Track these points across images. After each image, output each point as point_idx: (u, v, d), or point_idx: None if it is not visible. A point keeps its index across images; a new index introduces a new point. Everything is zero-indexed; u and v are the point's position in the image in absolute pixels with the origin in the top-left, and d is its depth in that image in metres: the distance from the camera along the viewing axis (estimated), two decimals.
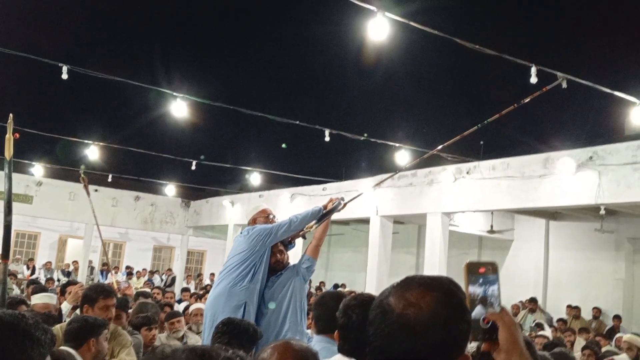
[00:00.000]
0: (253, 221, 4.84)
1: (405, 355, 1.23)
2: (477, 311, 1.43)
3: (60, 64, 9.12)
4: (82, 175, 7.94)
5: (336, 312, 2.49)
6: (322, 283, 18.56)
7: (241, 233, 4.71)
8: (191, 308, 7.46)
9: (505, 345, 1.40)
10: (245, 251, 4.49)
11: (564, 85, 4.47)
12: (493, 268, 1.46)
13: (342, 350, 2.38)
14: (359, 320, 2.32)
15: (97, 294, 4.16)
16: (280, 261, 4.66)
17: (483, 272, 1.45)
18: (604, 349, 7.64)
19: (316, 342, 2.82)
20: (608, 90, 8.43)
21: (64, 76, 9.13)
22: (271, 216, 4.85)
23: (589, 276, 13.58)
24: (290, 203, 14.91)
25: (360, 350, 2.27)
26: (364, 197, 13.05)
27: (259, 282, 4.49)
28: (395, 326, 1.25)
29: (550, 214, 14.00)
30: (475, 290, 1.44)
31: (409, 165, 10.92)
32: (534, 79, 7.72)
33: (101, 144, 14.58)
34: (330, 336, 2.78)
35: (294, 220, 4.47)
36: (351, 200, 4.90)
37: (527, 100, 6.83)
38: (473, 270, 1.46)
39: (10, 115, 4.34)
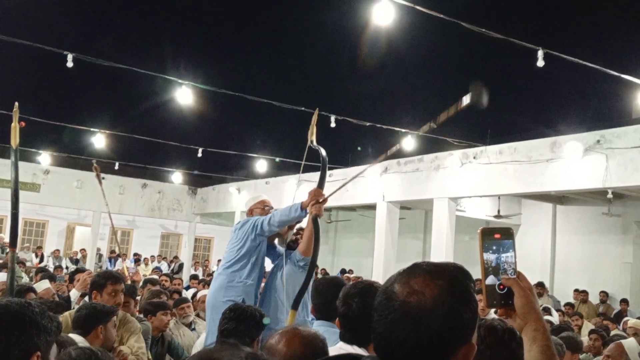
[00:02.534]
0: (250, 212, 4.83)
1: (408, 342, 1.23)
2: (492, 278, 1.43)
3: (65, 52, 9.12)
4: (95, 164, 7.96)
5: (335, 299, 2.48)
6: (323, 270, 18.52)
7: (236, 225, 4.70)
8: (199, 295, 7.49)
9: (521, 310, 1.41)
10: (238, 244, 4.49)
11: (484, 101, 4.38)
12: (509, 234, 1.47)
13: (343, 338, 2.37)
14: (358, 308, 2.31)
15: (105, 279, 4.17)
16: (296, 240, 4.65)
17: (499, 237, 1.45)
18: (612, 333, 7.63)
19: (316, 327, 2.80)
20: (616, 74, 8.37)
21: (69, 64, 9.13)
22: (267, 207, 4.80)
23: (596, 260, 13.55)
24: (297, 189, 14.91)
25: (361, 338, 2.27)
26: (371, 182, 13.06)
27: (258, 278, 4.49)
28: (398, 313, 1.24)
29: (558, 198, 13.96)
30: (490, 256, 1.44)
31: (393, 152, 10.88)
32: (540, 62, 7.68)
33: (107, 131, 14.60)
34: (331, 322, 2.79)
35: (275, 215, 4.40)
36: (335, 192, 4.71)
37: (443, 119, 6.90)
38: (488, 236, 1.46)
39: (16, 103, 4.35)
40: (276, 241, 4.81)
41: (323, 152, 4.65)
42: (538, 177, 10.13)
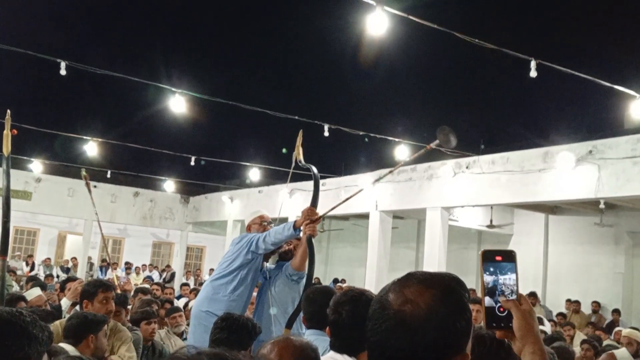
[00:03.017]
0: (248, 228, 4.82)
1: (402, 351, 1.23)
2: (492, 300, 1.44)
3: (58, 60, 9.10)
4: (84, 172, 7.93)
5: (325, 308, 2.47)
6: (317, 279, 18.46)
7: (234, 240, 4.70)
8: (191, 304, 7.46)
9: (518, 332, 1.41)
10: (230, 259, 4.49)
11: (453, 143, 4.36)
12: (510, 256, 1.47)
13: (334, 347, 2.36)
14: (349, 316, 2.31)
15: (95, 287, 4.15)
16: (288, 251, 4.65)
17: (500, 260, 1.46)
18: (604, 343, 7.64)
19: (308, 336, 2.81)
20: (607, 84, 8.43)
21: (63, 72, 9.11)
22: (265, 223, 4.79)
23: (589, 270, 13.58)
24: (289, 199, 14.90)
25: (352, 346, 2.27)
26: (364, 192, 13.05)
27: (245, 295, 4.46)
28: (392, 322, 1.24)
29: (550, 208, 14.00)
30: (491, 278, 1.45)
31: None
32: (533, 73, 7.73)
33: (100, 139, 14.56)
34: (322, 331, 2.78)
35: (269, 234, 4.39)
36: (326, 213, 4.68)
37: (412, 157, 6.98)
38: (489, 258, 1.46)
39: (8, 111, 4.34)
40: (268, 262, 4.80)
41: (314, 169, 4.66)
42: (530, 187, 10.16)
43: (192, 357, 1.05)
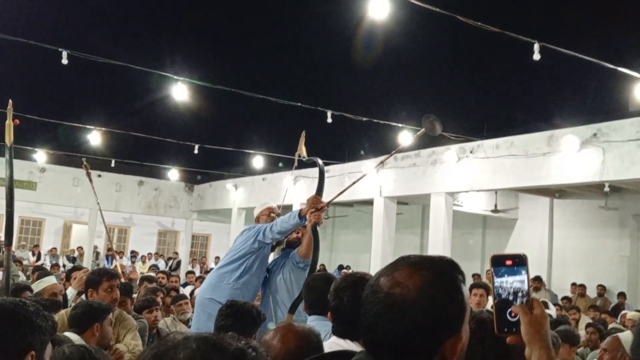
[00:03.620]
0: (257, 219, 4.84)
1: (393, 334, 1.24)
2: (502, 305, 1.42)
3: (60, 49, 9.09)
4: (85, 162, 7.92)
5: (326, 294, 2.48)
6: (322, 266, 18.52)
7: (242, 231, 4.72)
8: (196, 292, 7.48)
9: (525, 337, 1.41)
10: (236, 248, 4.50)
11: (439, 130, 4.41)
12: (521, 260, 1.46)
13: (336, 332, 2.37)
14: (350, 301, 2.31)
15: (100, 276, 4.17)
16: (296, 239, 4.66)
17: (510, 264, 1.45)
18: (609, 327, 7.65)
19: (310, 322, 2.83)
20: (612, 67, 8.37)
21: (64, 61, 9.10)
22: (273, 214, 4.80)
23: (594, 254, 13.57)
24: (293, 186, 14.90)
25: (354, 331, 2.27)
26: (367, 178, 13.02)
27: (251, 284, 4.45)
28: (383, 305, 1.25)
29: (555, 192, 13.96)
30: (501, 283, 1.44)
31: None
32: (536, 56, 7.67)
33: (103, 129, 14.57)
34: (324, 316, 2.79)
35: (276, 224, 4.40)
36: (331, 201, 4.68)
37: (398, 149, 6.89)
38: (499, 263, 1.45)
39: (10, 101, 4.33)
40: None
41: (320, 161, 4.68)
42: (535, 171, 10.13)
43: (179, 343, 1.04)
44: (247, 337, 2.91)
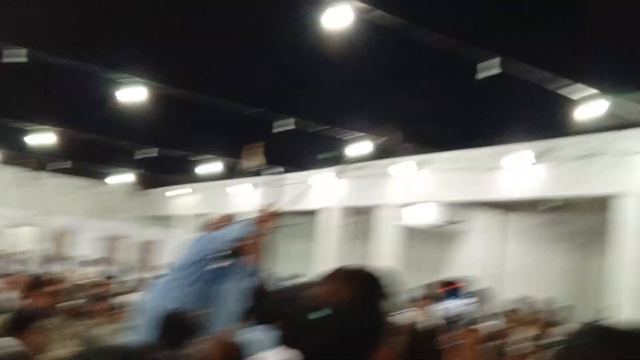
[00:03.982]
0: (209, 227, 4.77)
1: (321, 344, 1.28)
2: (446, 328, 1.46)
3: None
4: (29, 164, 7.68)
5: (267, 304, 2.60)
6: (271, 275, 18.42)
7: (197, 237, 4.64)
8: (145, 298, 7.31)
9: None
10: (186, 257, 4.44)
11: (397, 144, 4.64)
12: (465, 286, 1.50)
13: (282, 342, 2.37)
14: (289, 311, 2.31)
15: (37, 281, 4.08)
16: (243, 247, 4.60)
17: (455, 288, 1.49)
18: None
19: (253, 332, 2.81)
20: (562, 83, 8.55)
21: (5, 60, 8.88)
22: (225, 222, 4.75)
23: (542, 268, 13.82)
24: (245, 193, 14.79)
25: (298, 340, 2.26)
26: (319, 188, 13.05)
27: (197, 293, 4.37)
28: (315, 316, 1.30)
29: (505, 206, 14.19)
30: (447, 306, 1.47)
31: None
32: (488, 72, 7.79)
33: (52, 129, 14.23)
34: (266, 326, 2.79)
35: (227, 232, 4.38)
36: (282, 210, 4.70)
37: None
38: (444, 287, 1.48)
39: None
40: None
41: (275, 170, 4.70)
42: (486, 185, 10.29)
43: (94, 354, 1.03)
44: (179, 347, 2.88)
